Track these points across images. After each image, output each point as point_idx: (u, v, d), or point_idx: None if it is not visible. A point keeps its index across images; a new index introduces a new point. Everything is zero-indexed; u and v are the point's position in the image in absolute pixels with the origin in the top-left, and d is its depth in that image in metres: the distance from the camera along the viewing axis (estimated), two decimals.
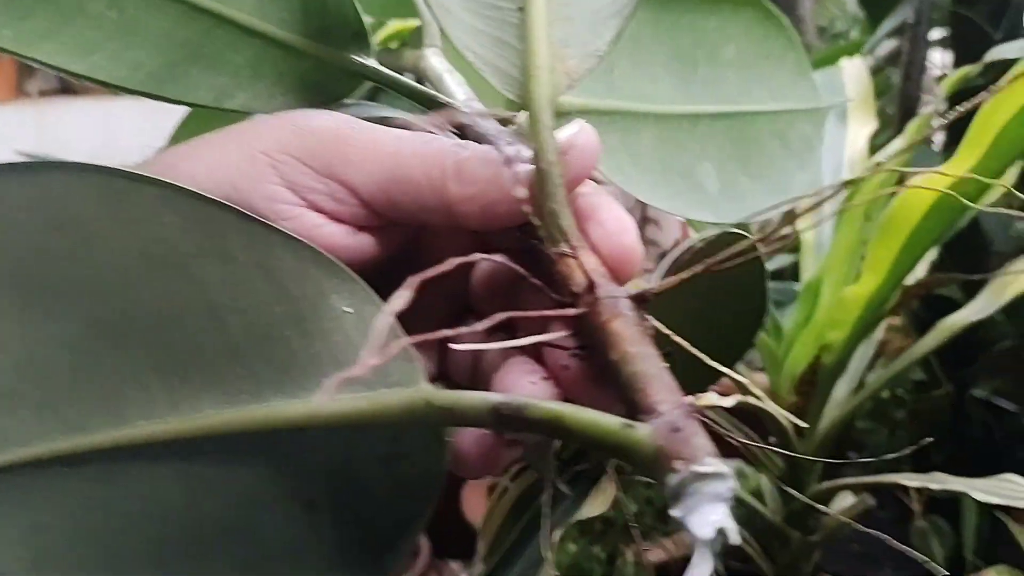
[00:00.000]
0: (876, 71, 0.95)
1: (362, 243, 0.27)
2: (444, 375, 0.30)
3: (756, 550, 0.72)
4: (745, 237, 0.33)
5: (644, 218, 1.38)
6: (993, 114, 0.41)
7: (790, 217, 0.28)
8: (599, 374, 0.24)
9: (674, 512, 0.18)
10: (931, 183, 0.46)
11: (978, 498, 0.46)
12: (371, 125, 0.27)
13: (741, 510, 0.80)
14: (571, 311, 0.23)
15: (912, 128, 0.59)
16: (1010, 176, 0.58)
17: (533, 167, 0.25)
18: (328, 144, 0.26)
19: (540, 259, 0.25)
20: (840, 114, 0.66)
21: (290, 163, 0.26)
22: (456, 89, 0.33)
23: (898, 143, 0.60)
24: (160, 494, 0.25)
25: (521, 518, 0.43)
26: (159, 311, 0.25)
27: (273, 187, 0.26)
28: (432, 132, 0.27)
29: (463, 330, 0.19)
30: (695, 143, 0.39)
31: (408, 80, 0.31)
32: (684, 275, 0.23)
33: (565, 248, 0.23)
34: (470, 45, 0.28)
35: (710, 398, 0.56)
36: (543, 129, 0.25)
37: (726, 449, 0.31)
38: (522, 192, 0.25)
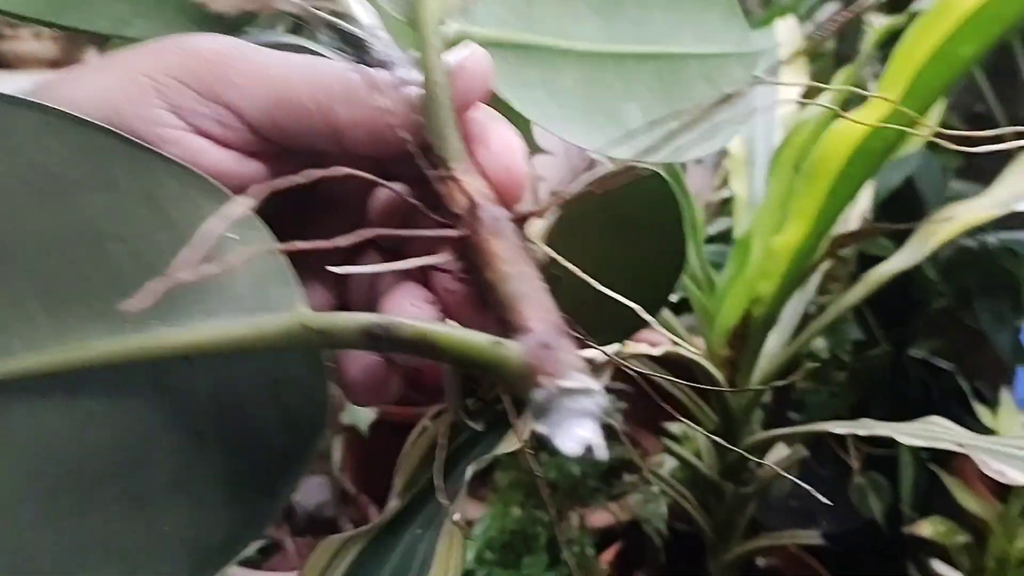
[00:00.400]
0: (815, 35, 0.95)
1: (252, 170, 0.26)
2: (344, 307, 0.29)
3: (693, 504, 0.73)
4: (651, 171, 0.33)
5: None
6: (908, 57, 0.42)
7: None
8: (483, 297, 0.23)
9: (539, 428, 0.18)
10: (852, 129, 0.46)
11: (902, 440, 0.46)
12: (259, 48, 0.26)
13: (687, 471, 0.81)
14: (450, 232, 0.22)
15: (840, 78, 0.59)
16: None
17: (422, 90, 0.25)
18: (212, 66, 0.25)
19: (432, 185, 0.25)
20: (772, 71, 0.67)
21: (173, 86, 0.25)
22: (362, 17, 0.32)
23: (825, 97, 0.60)
24: (47, 428, 0.25)
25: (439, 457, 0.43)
26: (42, 240, 0.24)
27: (156, 110, 0.25)
28: (325, 56, 0.26)
29: (320, 243, 0.19)
30: (620, 83, 0.39)
31: (306, 5, 0.31)
32: (567, 195, 0.22)
33: (449, 170, 0.23)
34: None
35: (639, 347, 0.57)
36: (430, 50, 0.24)
37: (665, 412, 0.31)
38: (410, 115, 0.24)
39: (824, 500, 0.33)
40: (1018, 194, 0.52)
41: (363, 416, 1.23)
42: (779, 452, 0.74)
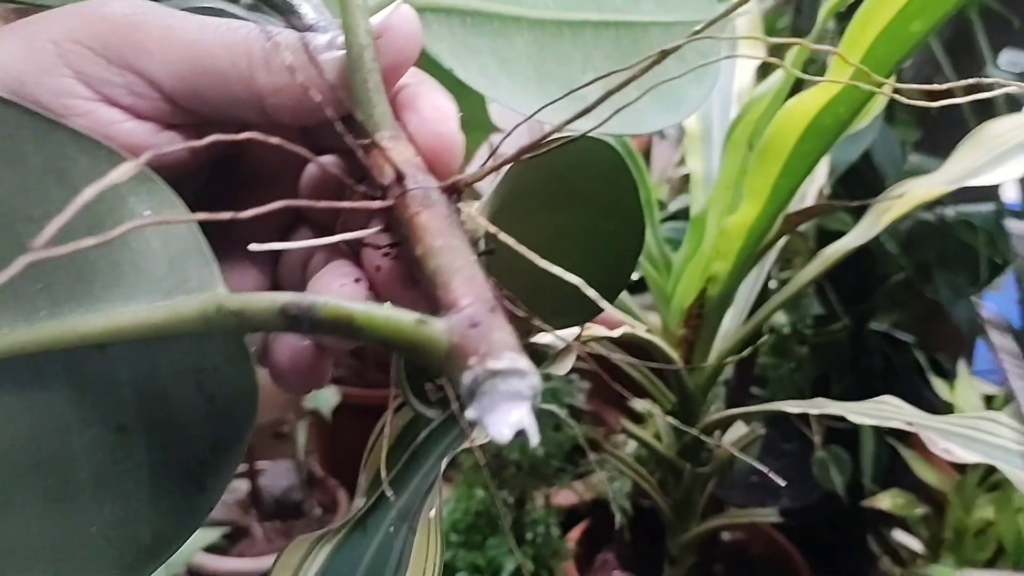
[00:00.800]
0: (774, 10, 0.95)
1: (170, 142, 0.25)
2: (277, 290, 0.28)
3: (651, 484, 0.73)
4: (600, 140, 0.32)
5: None
6: (860, 33, 0.41)
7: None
8: (413, 273, 0.22)
9: (469, 414, 0.17)
10: (804, 107, 0.46)
11: (854, 420, 0.46)
12: (174, 11, 0.24)
13: (645, 451, 0.81)
14: (375, 204, 0.21)
15: (791, 56, 0.58)
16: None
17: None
18: (122, 31, 0.23)
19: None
20: (729, 45, 0.66)
21: (80, 53, 0.23)
22: None
23: (779, 73, 0.59)
24: None
25: (405, 452, 0.41)
26: None
27: (62, 80, 0.23)
28: (248, 20, 0.25)
29: (224, 215, 0.17)
30: (578, 53, 0.37)
31: None
32: (499, 164, 0.21)
33: (375, 138, 0.22)
34: None
35: (597, 329, 0.55)
36: (354, 8, 0.23)
37: (630, 388, 0.30)
38: (334, 80, 0.23)
39: (782, 482, 0.33)
40: (970, 170, 0.52)
41: (326, 400, 1.22)
42: (739, 429, 0.74)
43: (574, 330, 0.46)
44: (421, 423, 0.45)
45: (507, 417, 0.17)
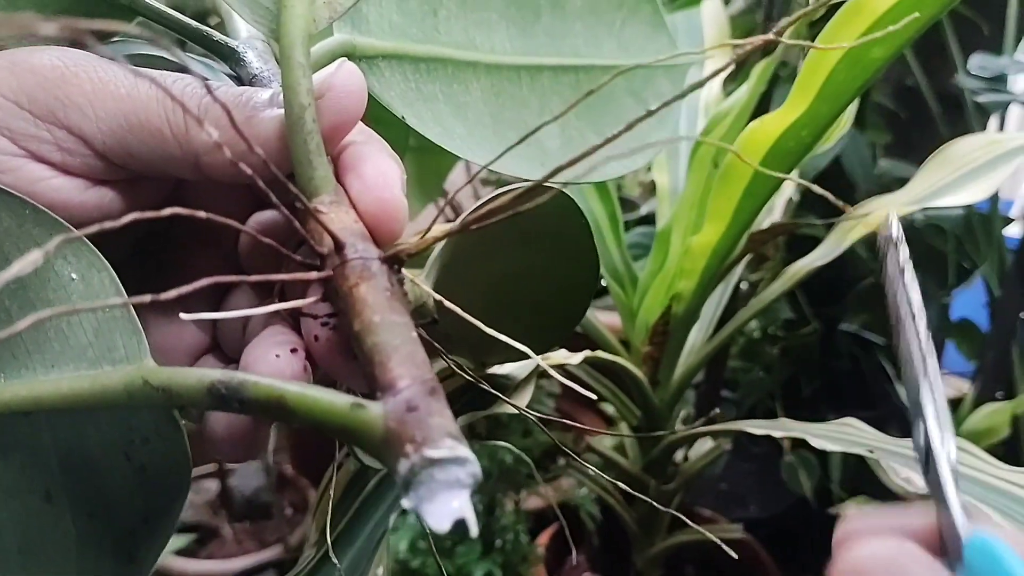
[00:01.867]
0: (744, 14, 0.94)
1: (101, 198, 0.24)
2: (217, 347, 0.27)
3: (618, 500, 0.72)
4: (550, 189, 0.31)
5: None
6: (821, 59, 0.41)
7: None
8: (352, 346, 0.21)
9: (405, 503, 0.16)
10: (766, 130, 0.45)
11: (815, 444, 0.46)
12: (107, 62, 0.23)
13: (612, 467, 0.80)
14: (311, 275, 0.20)
15: (757, 71, 0.58)
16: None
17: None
18: (50, 84, 0.22)
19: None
20: (699, 62, 0.65)
21: (5, 107, 0.22)
22: (240, 26, 0.29)
23: (745, 87, 0.59)
24: None
25: (354, 501, 0.40)
26: None
27: None
28: (189, 72, 0.24)
29: (145, 297, 0.16)
30: (535, 98, 0.36)
31: (175, 14, 0.28)
32: (439, 232, 0.20)
33: (314, 204, 0.21)
34: None
35: (559, 355, 0.54)
36: (295, 67, 0.22)
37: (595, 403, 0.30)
38: (273, 140, 0.22)
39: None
40: (936, 188, 0.52)
41: None
42: (704, 443, 0.74)
43: (530, 362, 0.46)
44: (371, 471, 0.44)
45: (446, 507, 0.16)
